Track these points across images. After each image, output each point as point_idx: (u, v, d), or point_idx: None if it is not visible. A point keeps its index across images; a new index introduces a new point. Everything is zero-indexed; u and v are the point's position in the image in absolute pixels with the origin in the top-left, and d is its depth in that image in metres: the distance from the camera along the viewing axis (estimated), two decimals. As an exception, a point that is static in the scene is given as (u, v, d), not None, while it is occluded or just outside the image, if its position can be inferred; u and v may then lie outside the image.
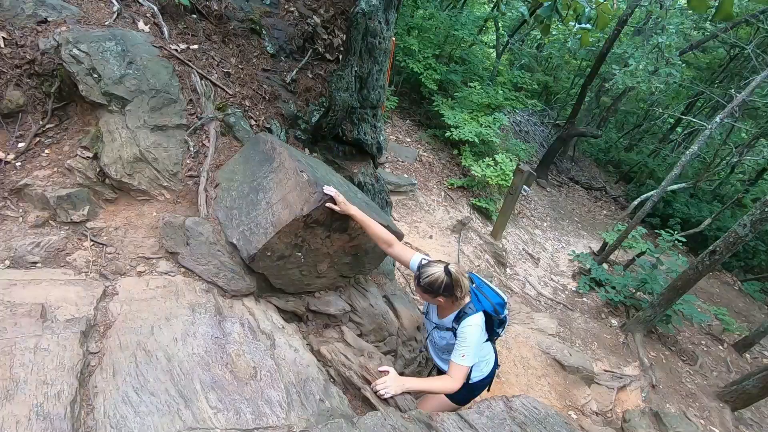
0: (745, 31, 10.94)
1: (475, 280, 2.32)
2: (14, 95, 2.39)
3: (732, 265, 11.04)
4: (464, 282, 2.09)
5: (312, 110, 3.32)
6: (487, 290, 2.29)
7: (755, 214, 4.89)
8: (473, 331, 2.09)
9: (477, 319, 2.12)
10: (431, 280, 2.05)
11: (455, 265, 2.10)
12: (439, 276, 2.05)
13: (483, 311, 2.16)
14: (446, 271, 2.06)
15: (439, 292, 2.07)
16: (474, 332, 2.09)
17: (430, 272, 2.07)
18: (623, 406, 4.87)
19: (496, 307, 2.22)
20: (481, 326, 2.12)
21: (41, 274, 1.94)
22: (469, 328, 2.10)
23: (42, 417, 1.33)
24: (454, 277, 2.05)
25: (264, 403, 1.67)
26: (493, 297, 2.26)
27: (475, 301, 2.19)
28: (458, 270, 2.09)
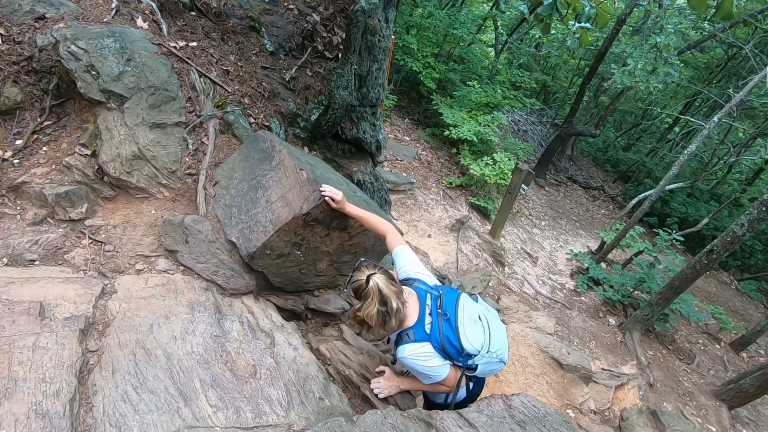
0: (743, 31, 10.97)
1: (446, 307, 1.81)
2: (12, 92, 2.37)
3: (729, 264, 11.09)
4: (368, 304, 1.68)
5: (311, 108, 3.32)
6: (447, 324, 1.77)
7: (752, 213, 4.91)
8: (413, 363, 1.75)
9: (417, 348, 1.74)
10: (355, 287, 1.75)
11: (384, 278, 1.71)
12: (361, 284, 1.72)
13: (430, 343, 1.75)
14: (366, 280, 1.70)
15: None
16: (415, 363, 1.75)
17: (355, 277, 1.75)
18: (621, 405, 4.89)
19: (444, 343, 1.74)
20: (424, 355, 1.74)
21: (39, 272, 1.93)
22: (406, 360, 1.77)
23: (41, 415, 1.33)
24: (366, 292, 1.69)
25: (264, 401, 1.66)
26: (448, 332, 1.76)
27: (420, 328, 1.76)
28: (380, 285, 1.68)
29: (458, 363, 1.79)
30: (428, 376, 1.80)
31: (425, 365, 1.75)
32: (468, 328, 1.77)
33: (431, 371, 1.77)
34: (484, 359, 1.80)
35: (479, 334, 1.80)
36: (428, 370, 1.77)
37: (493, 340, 1.83)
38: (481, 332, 1.81)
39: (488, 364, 1.84)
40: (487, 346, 1.80)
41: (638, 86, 8.13)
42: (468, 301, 1.89)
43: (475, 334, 1.79)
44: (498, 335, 1.87)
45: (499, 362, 1.89)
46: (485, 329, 1.83)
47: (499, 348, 1.85)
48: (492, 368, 1.90)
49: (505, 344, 1.91)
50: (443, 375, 1.78)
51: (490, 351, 1.81)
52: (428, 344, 1.75)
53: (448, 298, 1.84)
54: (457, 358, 1.77)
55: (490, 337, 1.82)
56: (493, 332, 1.85)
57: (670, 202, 12.12)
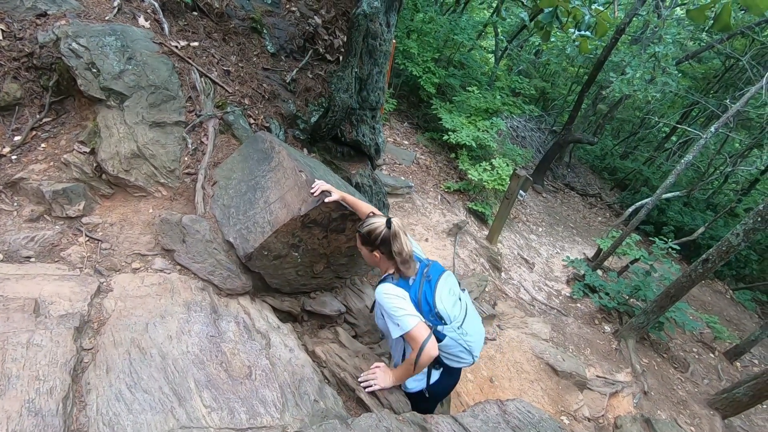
0: (740, 42, 11.07)
1: (432, 272, 1.96)
2: (11, 88, 2.37)
3: (724, 273, 11.13)
4: (403, 241, 1.87)
5: (311, 110, 3.32)
6: (427, 283, 1.91)
7: (748, 223, 4.93)
8: (386, 300, 1.83)
9: (393, 288, 1.85)
10: (371, 229, 1.89)
11: (398, 220, 1.92)
12: (379, 226, 1.88)
13: (408, 292, 1.87)
14: (387, 224, 1.88)
15: (376, 244, 1.88)
16: (387, 300, 1.83)
17: (371, 221, 1.92)
18: (615, 412, 4.89)
19: (421, 297, 1.86)
20: (397, 295, 1.83)
21: (35, 268, 1.92)
22: (380, 295, 1.86)
23: (33, 413, 1.32)
24: (393, 230, 1.86)
25: (258, 402, 1.66)
26: (427, 289, 1.89)
27: (404, 280, 1.90)
28: (400, 226, 1.89)
29: (428, 323, 1.85)
30: (396, 322, 1.81)
31: (396, 306, 1.81)
32: (444, 295, 1.89)
33: (400, 314, 1.80)
34: (453, 333, 1.88)
35: (455, 305, 1.92)
36: (397, 312, 1.80)
37: (467, 322, 1.94)
38: (457, 306, 1.94)
39: (456, 345, 1.89)
40: (459, 322, 1.90)
41: (636, 95, 8.18)
42: (453, 280, 2.01)
43: (450, 304, 1.90)
44: (473, 323, 1.98)
45: (467, 352, 1.94)
46: (461, 308, 1.96)
47: (471, 334, 1.93)
48: (459, 354, 1.94)
49: (478, 337, 1.99)
50: (410, 325, 1.79)
51: (462, 329, 1.90)
52: (406, 293, 1.85)
53: (435, 268, 1.98)
54: (427, 317, 1.85)
55: (465, 317, 1.94)
56: (469, 316, 1.97)
57: (667, 210, 12.17)
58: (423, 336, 1.78)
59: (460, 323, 1.91)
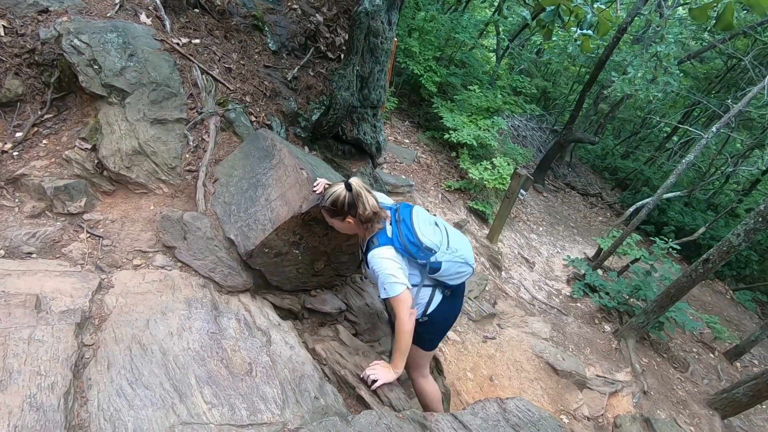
0: (742, 42, 11.05)
1: (402, 214, 1.99)
2: (13, 84, 2.37)
3: (724, 274, 11.13)
4: (366, 197, 1.86)
5: (312, 108, 3.32)
6: (404, 226, 1.95)
7: (749, 223, 4.93)
8: (379, 264, 1.87)
9: (380, 251, 1.88)
10: (334, 198, 1.86)
11: (357, 180, 1.89)
12: (341, 192, 1.85)
13: (392, 245, 1.91)
14: (347, 187, 1.85)
15: (345, 210, 1.86)
16: (380, 264, 1.87)
17: (330, 191, 1.88)
18: (614, 412, 4.89)
19: (405, 242, 1.89)
20: (389, 258, 1.88)
21: (36, 264, 1.93)
22: (373, 260, 1.89)
23: (35, 408, 1.32)
24: (355, 191, 1.84)
25: (259, 399, 1.66)
26: (406, 232, 1.92)
27: (383, 233, 1.93)
28: (360, 184, 1.87)
29: (422, 260, 1.92)
30: (384, 286, 1.87)
31: (387, 271, 1.85)
32: (423, 227, 1.94)
33: (390, 281, 1.85)
34: (446, 256, 1.94)
35: (436, 233, 1.97)
36: (388, 278, 1.85)
37: (452, 239, 2.00)
38: (438, 232, 1.99)
39: (452, 264, 1.97)
40: (446, 243, 1.96)
41: (638, 95, 8.18)
42: (422, 211, 2.05)
43: (431, 232, 1.95)
44: (457, 238, 2.04)
45: (464, 263, 2.02)
46: (442, 231, 2.01)
47: (459, 248, 2.00)
48: (458, 270, 2.02)
49: (467, 248, 2.05)
50: (396, 291, 1.85)
51: (450, 248, 1.97)
52: (391, 247, 1.89)
53: (404, 209, 2.02)
54: (419, 254, 1.91)
55: (448, 237, 2.00)
56: (450, 235, 2.02)
57: (667, 210, 12.17)
58: (406, 304, 1.85)
59: (447, 244, 1.97)
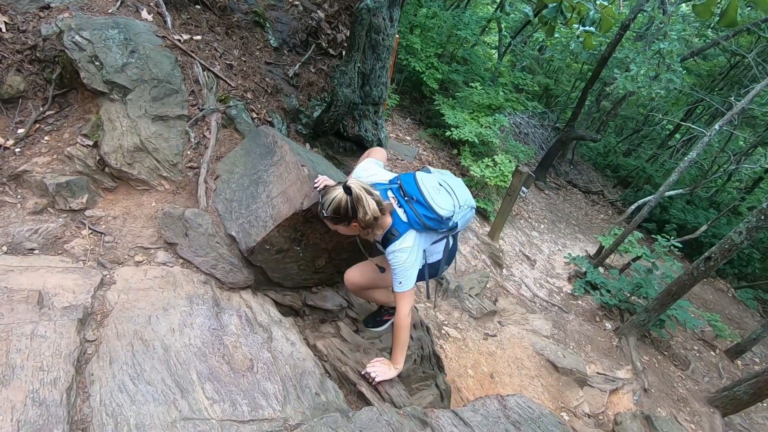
0: (746, 39, 10.99)
1: (409, 191, 1.94)
2: (15, 81, 2.37)
3: (726, 272, 11.11)
4: (368, 202, 1.77)
5: (314, 105, 3.32)
6: (418, 205, 1.91)
7: (751, 221, 4.92)
8: (401, 257, 1.86)
9: (404, 242, 1.86)
10: (335, 205, 1.76)
11: (357, 181, 1.80)
12: (341, 198, 1.75)
13: (412, 228, 1.89)
14: (346, 191, 1.76)
15: (349, 216, 1.78)
16: (401, 257, 1.85)
17: (330, 198, 1.78)
18: (615, 409, 4.90)
19: (424, 221, 1.88)
20: (409, 247, 1.86)
21: (39, 261, 1.93)
22: (393, 254, 1.87)
23: (38, 403, 1.33)
24: (355, 195, 1.75)
25: (260, 395, 1.67)
26: (423, 210, 1.89)
27: (398, 221, 1.89)
28: (359, 185, 1.78)
29: (443, 229, 1.96)
30: (399, 280, 1.89)
31: (406, 265, 1.87)
32: (435, 197, 1.92)
33: (406, 274, 1.88)
34: (460, 214, 2.01)
35: (447, 198, 1.98)
36: (405, 273, 1.87)
37: (459, 196, 2.04)
38: (447, 196, 1.99)
39: (464, 216, 2.06)
40: (457, 203, 2.00)
41: (640, 92, 8.14)
42: (425, 176, 2.02)
43: (444, 199, 1.95)
44: (461, 191, 2.08)
45: (470, 209, 2.11)
46: (449, 191, 2.02)
47: (465, 200, 2.06)
48: (468, 217, 2.12)
49: (468, 194, 2.12)
50: (409, 287, 1.89)
51: (461, 205, 2.02)
52: (411, 231, 1.89)
53: (407, 183, 1.97)
54: (440, 226, 1.93)
55: (456, 196, 2.02)
56: (456, 191, 2.04)
57: (669, 208, 12.14)
58: (410, 301, 1.91)
59: (458, 204, 2.00)
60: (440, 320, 4.77)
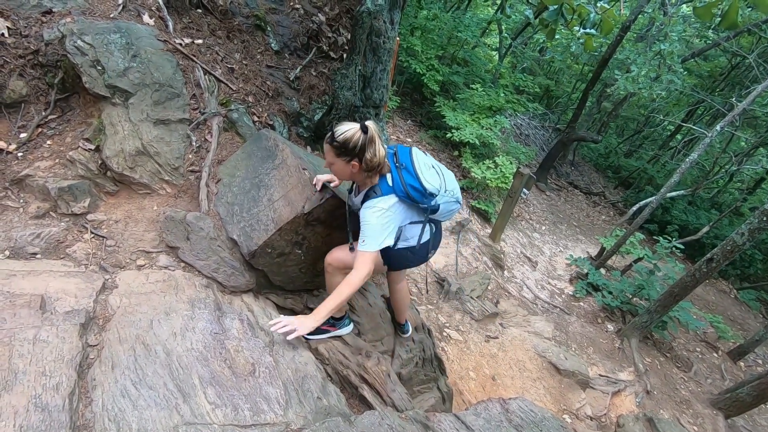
0: (747, 40, 10.98)
1: (402, 158, 1.96)
2: (17, 85, 2.38)
3: (728, 273, 11.08)
4: (378, 146, 1.83)
5: (315, 108, 3.32)
6: (406, 172, 1.92)
7: (753, 222, 4.91)
8: (371, 215, 1.86)
9: (381, 202, 1.87)
10: (347, 137, 1.79)
11: (374, 125, 1.84)
12: (355, 132, 1.79)
13: (394, 193, 1.90)
14: (363, 129, 1.80)
15: (355, 152, 1.81)
16: (373, 215, 1.86)
17: (344, 128, 1.82)
18: (617, 411, 4.89)
19: (408, 190, 1.88)
20: (384, 209, 1.86)
21: (41, 265, 1.94)
22: (367, 210, 1.88)
23: (40, 408, 1.33)
24: (370, 135, 1.80)
25: (262, 399, 1.67)
26: (410, 179, 1.90)
27: (384, 182, 1.91)
28: (376, 129, 1.83)
29: (424, 204, 1.95)
30: (366, 237, 1.87)
31: (377, 225, 1.86)
32: (426, 173, 1.95)
33: (374, 234, 1.86)
34: (444, 198, 2.00)
35: (436, 176, 1.99)
36: (373, 232, 1.86)
37: (447, 181, 2.05)
38: (437, 176, 2.01)
39: (447, 204, 2.04)
40: (444, 186, 2.00)
41: (641, 93, 8.12)
42: (421, 153, 2.04)
43: (432, 176, 1.97)
44: (450, 178, 2.10)
45: (456, 202, 2.11)
46: (439, 173, 2.04)
47: (453, 188, 2.08)
48: (450, 209, 2.10)
49: (456, 186, 2.13)
50: (373, 248, 1.87)
51: (447, 190, 2.02)
52: (392, 195, 1.90)
53: (402, 153, 1.99)
54: (422, 200, 1.93)
55: (444, 179, 2.03)
56: (446, 176, 2.07)
57: (671, 209, 12.11)
58: (370, 265, 1.88)
59: (444, 188, 2.00)
60: (442, 322, 4.76)
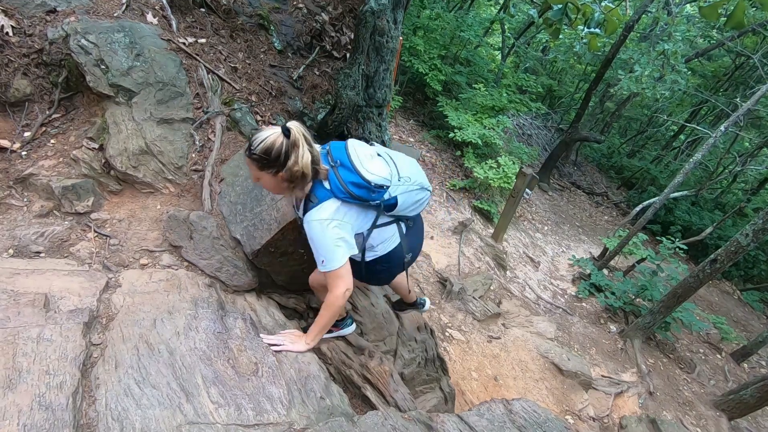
0: (751, 40, 10.93)
1: (336, 155, 1.67)
2: (21, 84, 2.38)
3: (732, 274, 11.04)
4: (303, 151, 1.53)
5: (318, 107, 3.32)
6: (343, 169, 1.63)
7: (757, 223, 4.88)
8: (313, 230, 1.59)
9: (320, 211, 1.59)
10: (267, 146, 1.50)
11: (299, 126, 1.54)
12: (275, 138, 1.50)
13: (334, 197, 1.61)
14: (285, 132, 1.51)
15: (281, 162, 1.52)
16: (315, 230, 1.58)
17: (262, 136, 1.52)
18: (620, 412, 4.87)
19: (349, 188, 1.59)
20: (325, 219, 1.58)
21: (45, 264, 1.94)
22: (308, 224, 1.60)
23: (44, 407, 1.33)
24: (293, 138, 1.50)
25: (265, 399, 1.66)
26: (348, 176, 1.61)
27: (319, 187, 1.63)
28: (300, 130, 1.54)
29: (375, 201, 1.65)
30: (323, 257, 1.61)
31: (327, 238, 1.58)
32: (365, 162, 1.65)
33: (328, 249, 1.59)
34: (401, 188, 1.69)
35: (382, 165, 1.70)
36: (326, 247, 1.59)
37: (401, 167, 1.74)
38: (384, 164, 1.72)
39: (409, 194, 1.73)
40: (396, 174, 1.70)
41: (645, 93, 8.10)
42: (359, 144, 1.74)
43: (376, 165, 1.68)
44: (406, 164, 1.78)
45: (421, 189, 1.78)
46: (387, 161, 1.74)
47: (411, 175, 1.75)
48: (416, 198, 1.79)
49: (418, 172, 1.80)
50: (337, 264, 1.60)
51: (402, 177, 1.71)
52: (333, 201, 1.60)
53: (336, 148, 1.70)
54: (369, 196, 1.63)
55: (396, 166, 1.73)
56: (398, 162, 1.75)
57: (674, 210, 12.07)
58: (345, 280, 1.64)
59: (397, 175, 1.71)
60: (444, 322, 4.76)
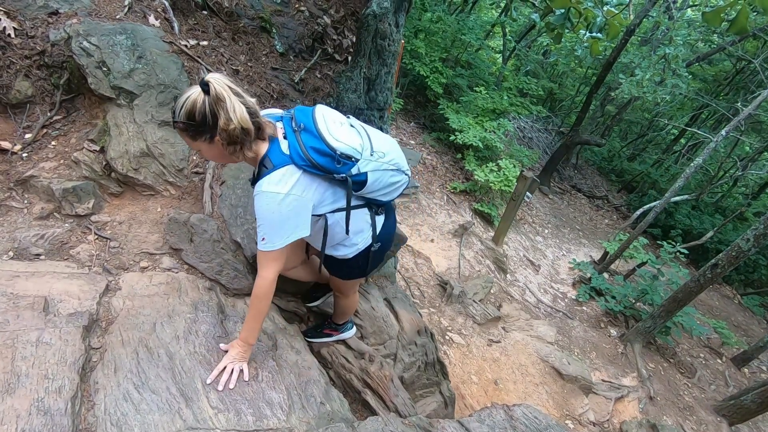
0: (752, 44, 10.94)
1: (301, 118, 1.46)
2: (23, 86, 2.38)
3: (732, 278, 11.03)
4: (233, 104, 1.30)
5: (319, 110, 3.32)
6: (306, 133, 1.41)
7: (759, 228, 4.88)
8: (264, 201, 1.37)
9: (276, 184, 1.36)
10: (189, 108, 1.30)
11: (221, 78, 1.32)
12: (196, 98, 1.30)
13: (294, 164, 1.38)
14: (203, 88, 1.29)
15: (211, 124, 1.32)
16: (266, 201, 1.37)
17: (183, 98, 1.32)
18: (620, 417, 4.86)
19: (310, 154, 1.37)
20: (282, 193, 1.36)
21: (44, 266, 1.93)
22: (258, 197, 1.38)
23: (42, 412, 1.32)
24: (215, 93, 1.28)
25: (265, 404, 1.66)
26: (311, 140, 1.40)
27: (275, 149, 1.41)
28: (223, 82, 1.30)
29: (340, 174, 1.43)
30: (264, 233, 1.42)
31: (271, 213, 1.38)
32: (333, 128, 1.44)
33: (270, 227, 1.40)
34: (372, 164, 1.48)
35: (352, 134, 1.49)
36: (268, 224, 1.40)
37: (375, 142, 1.53)
38: (355, 133, 1.50)
39: (382, 173, 1.52)
40: (369, 147, 1.49)
41: (645, 97, 8.11)
42: (329, 110, 1.53)
43: (345, 133, 1.47)
44: (382, 140, 1.57)
45: (397, 171, 1.56)
46: (360, 132, 1.53)
47: (387, 152, 1.53)
48: (391, 181, 1.57)
49: (396, 151, 1.58)
50: (277, 245, 1.43)
51: (375, 152, 1.49)
52: (291, 168, 1.38)
53: (302, 112, 1.49)
54: (333, 166, 1.41)
55: (370, 139, 1.52)
56: (372, 136, 1.54)
57: (675, 214, 12.07)
58: (278, 264, 1.52)
59: (370, 149, 1.49)
60: (444, 326, 4.74)
